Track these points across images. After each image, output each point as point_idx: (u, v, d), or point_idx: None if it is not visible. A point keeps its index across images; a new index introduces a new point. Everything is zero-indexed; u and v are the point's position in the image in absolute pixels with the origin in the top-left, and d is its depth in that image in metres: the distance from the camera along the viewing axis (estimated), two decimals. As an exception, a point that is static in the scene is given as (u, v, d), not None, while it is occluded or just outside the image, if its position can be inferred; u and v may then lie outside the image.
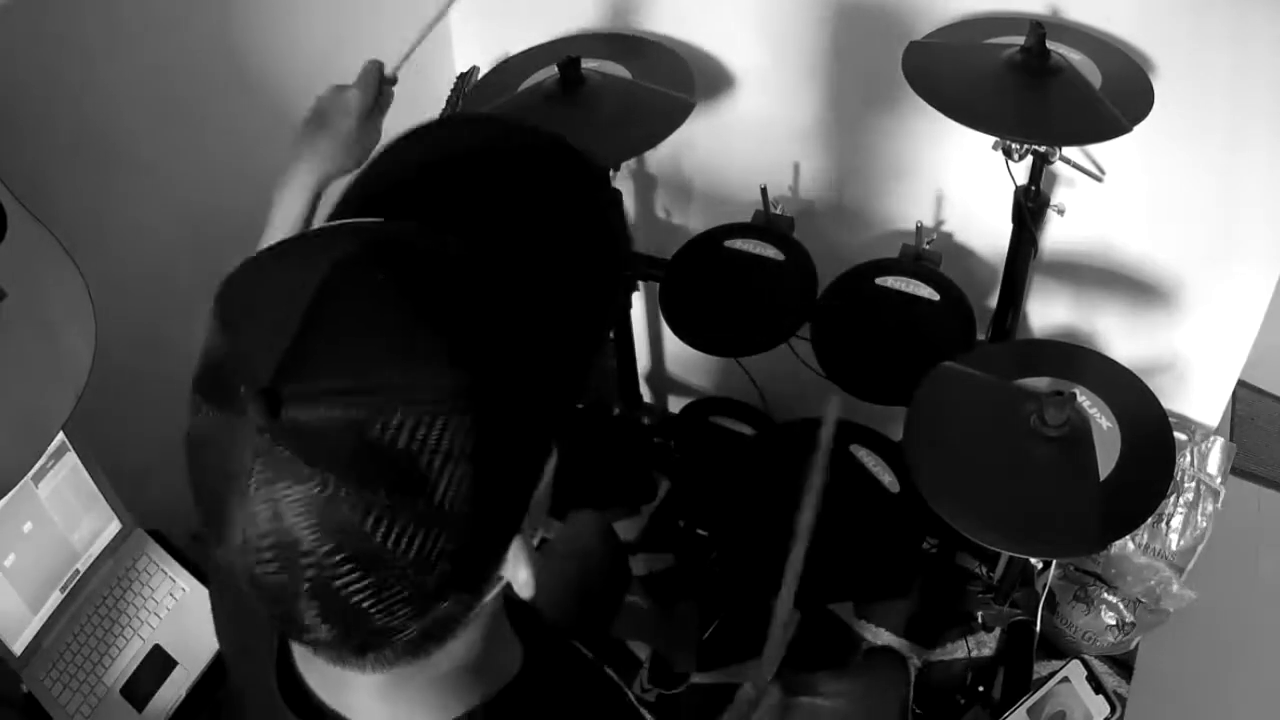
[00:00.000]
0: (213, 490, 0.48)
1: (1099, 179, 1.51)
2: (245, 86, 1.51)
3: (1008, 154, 1.41)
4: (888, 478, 1.64)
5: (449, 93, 1.59)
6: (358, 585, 0.46)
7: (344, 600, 0.47)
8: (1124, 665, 1.72)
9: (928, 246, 1.68)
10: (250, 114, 1.54)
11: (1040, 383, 1.33)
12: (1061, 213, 1.53)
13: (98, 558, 1.38)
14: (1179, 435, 1.56)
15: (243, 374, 0.45)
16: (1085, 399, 1.29)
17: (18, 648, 1.31)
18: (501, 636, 0.66)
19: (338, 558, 0.46)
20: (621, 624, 1.57)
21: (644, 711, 0.72)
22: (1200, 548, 1.59)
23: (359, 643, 0.51)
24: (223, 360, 0.47)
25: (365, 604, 0.47)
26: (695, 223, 1.87)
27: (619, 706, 0.72)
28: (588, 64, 1.55)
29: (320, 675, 0.64)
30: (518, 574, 0.54)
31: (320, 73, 1.63)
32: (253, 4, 1.49)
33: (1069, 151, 1.48)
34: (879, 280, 1.64)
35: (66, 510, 1.33)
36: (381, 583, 0.47)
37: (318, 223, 0.59)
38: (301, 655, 0.65)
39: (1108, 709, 1.40)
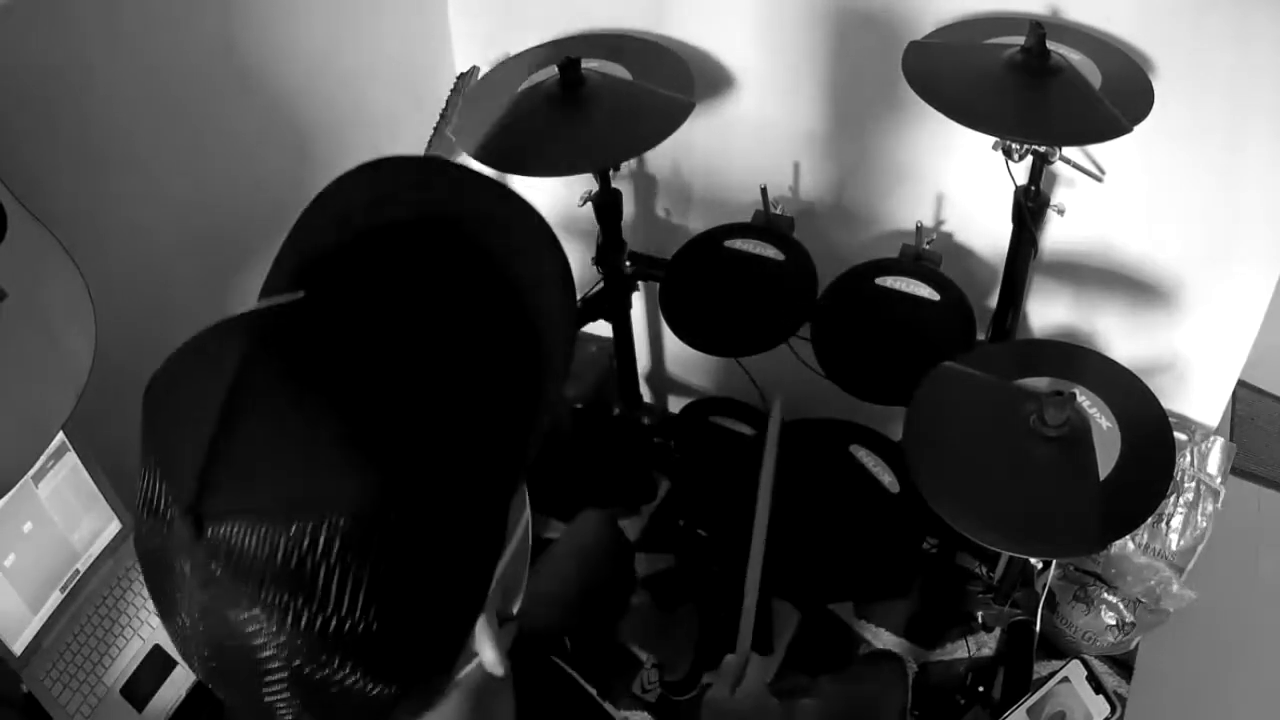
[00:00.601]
0: (162, 595, 0.48)
1: (1099, 179, 1.51)
2: (245, 87, 1.51)
3: (1008, 154, 1.41)
4: (888, 478, 1.64)
5: (449, 93, 1.59)
6: (318, 685, 0.46)
7: (311, 697, 0.47)
8: (1124, 665, 1.72)
9: (928, 246, 1.68)
10: (250, 114, 1.54)
11: (1040, 383, 1.33)
12: (1061, 213, 1.53)
13: (98, 558, 1.38)
14: (1179, 435, 1.56)
15: (171, 489, 0.45)
16: (1085, 399, 1.29)
17: (18, 648, 1.31)
18: (491, 690, 0.63)
19: (293, 663, 0.45)
20: (626, 627, 1.57)
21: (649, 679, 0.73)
22: (1200, 548, 1.59)
23: None
24: (153, 475, 0.47)
25: (333, 699, 0.47)
26: (695, 223, 1.87)
27: None
28: (588, 64, 1.55)
29: None
30: (484, 654, 0.53)
31: (320, 73, 1.64)
32: (253, 4, 1.49)
33: (1069, 151, 1.48)
34: (879, 280, 1.64)
35: (66, 510, 1.33)
36: (337, 682, 0.46)
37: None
38: None
39: (1108, 709, 1.40)
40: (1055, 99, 1.31)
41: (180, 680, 1.35)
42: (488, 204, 0.55)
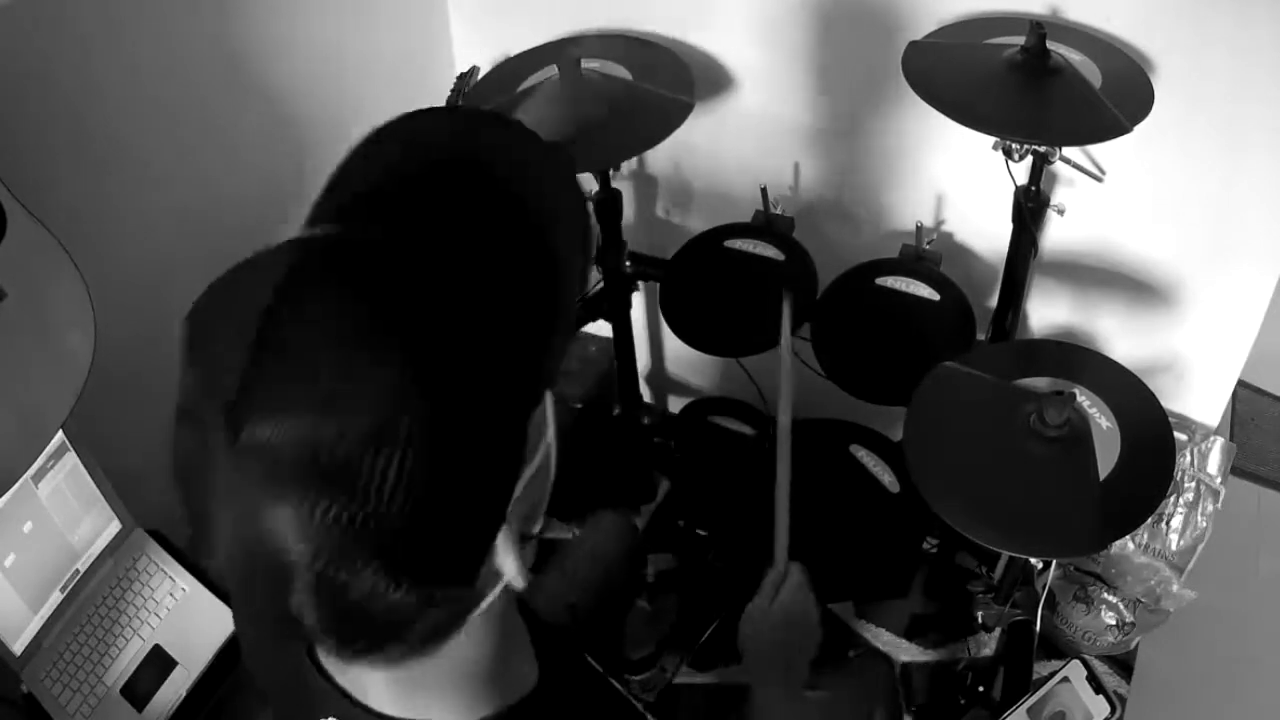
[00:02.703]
0: (196, 510, 0.50)
1: (1099, 179, 1.51)
2: (245, 87, 1.52)
3: (1008, 154, 1.41)
4: (888, 478, 1.64)
5: (449, 93, 1.59)
6: (343, 588, 0.48)
7: (334, 603, 0.48)
8: (1124, 665, 1.72)
9: (928, 246, 1.68)
10: (250, 114, 1.54)
11: (1040, 383, 1.33)
12: (1061, 213, 1.53)
13: (98, 558, 1.38)
14: (1179, 435, 1.56)
15: (209, 397, 0.48)
16: (1085, 399, 1.29)
17: (18, 648, 1.31)
18: (517, 644, 0.67)
19: (318, 565, 0.47)
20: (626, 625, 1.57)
21: None
22: (1200, 548, 1.59)
23: (359, 645, 0.52)
24: (193, 385, 0.50)
25: (354, 606, 0.48)
26: (695, 223, 1.87)
27: None
28: (588, 64, 1.55)
29: (336, 663, 0.65)
30: (505, 566, 0.55)
31: (320, 74, 1.64)
32: (252, 5, 1.49)
33: (1069, 151, 1.48)
34: (879, 280, 1.64)
35: (66, 510, 1.33)
36: (365, 582, 0.48)
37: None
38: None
39: (1108, 709, 1.40)
40: (1055, 99, 1.31)
41: (180, 680, 1.35)
42: (518, 147, 0.60)
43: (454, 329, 0.49)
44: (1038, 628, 1.58)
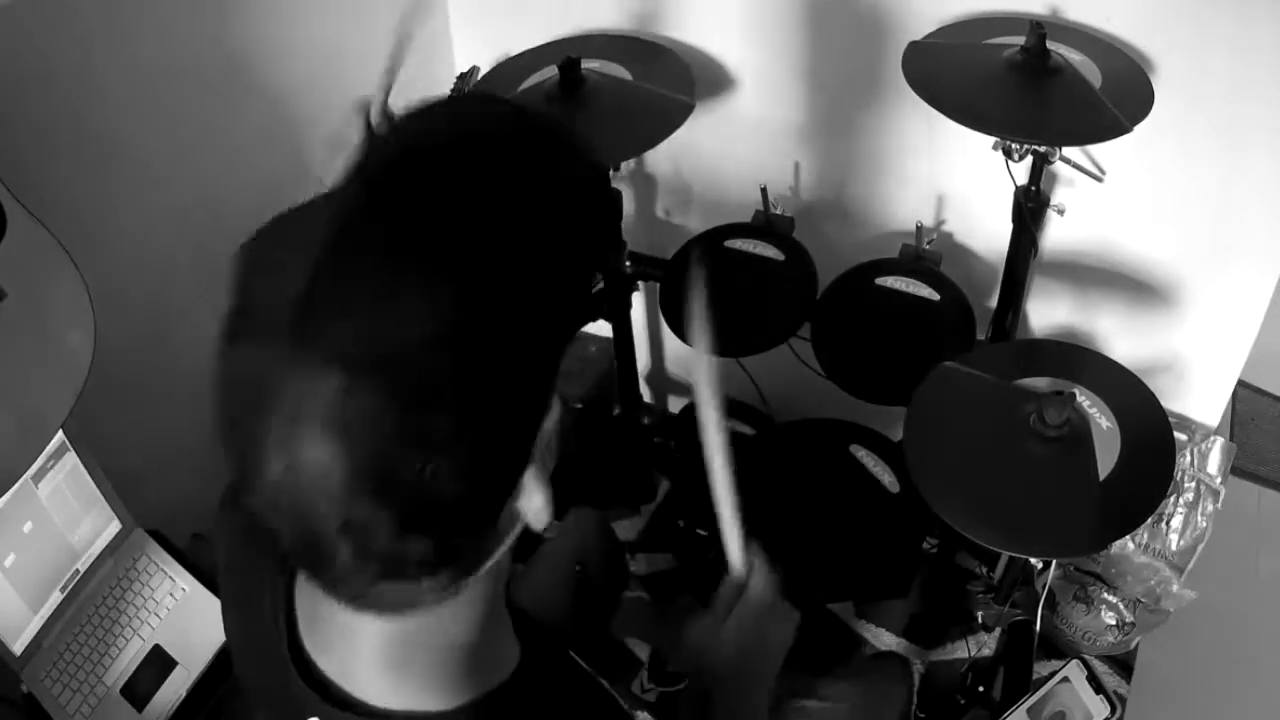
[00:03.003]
0: (246, 428, 0.51)
1: (1099, 179, 1.51)
2: (245, 87, 1.52)
3: (1008, 154, 1.41)
4: (888, 478, 1.64)
5: (449, 93, 1.59)
6: (380, 500, 0.50)
7: (367, 519, 0.50)
8: (1124, 665, 1.72)
9: (928, 246, 1.68)
10: (250, 115, 1.54)
11: (1040, 383, 1.33)
12: (1061, 213, 1.53)
13: (98, 558, 1.38)
14: (1179, 435, 1.56)
15: (269, 310, 0.51)
16: (1085, 399, 1.29)
17: (18, 648, 1.31)
18: (501, 629, 0.68)
19: (363, 474, 0.49)
20: (621, 621, 1.57)
21: (644, 678, 0.74)
22: (1200, 548, 1.59)
23: (384, 573, 0.53)
24: (249, 305, 0.53)
25: (387, 522, 0.50)
26: (695, 223, 1.87)
27: (611, 713, 0.73)
28: (588, 64, 1.55)
29: (324, 644, 0.66)
30: (532, 500, 0.57)
31: (320, 74, 1.64)
32: (252, 5, 1.49)
33: (1069, 151, 1.48)
34: (879, 280, 1.64)
35: (66, 510, 1.33)
36: (403, 499, 0.50)
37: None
38: (309, 631, 0.67)
39: (1108, 709, 1.40)
40: (1055, 99, 1.31)
41: (180, 680, 1.35)
42: (552, 124, 0.62)
43: (502, 254, 0.52)
44: (1038, 628, 1.58)
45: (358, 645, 0.63)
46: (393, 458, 0.49)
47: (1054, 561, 1.51)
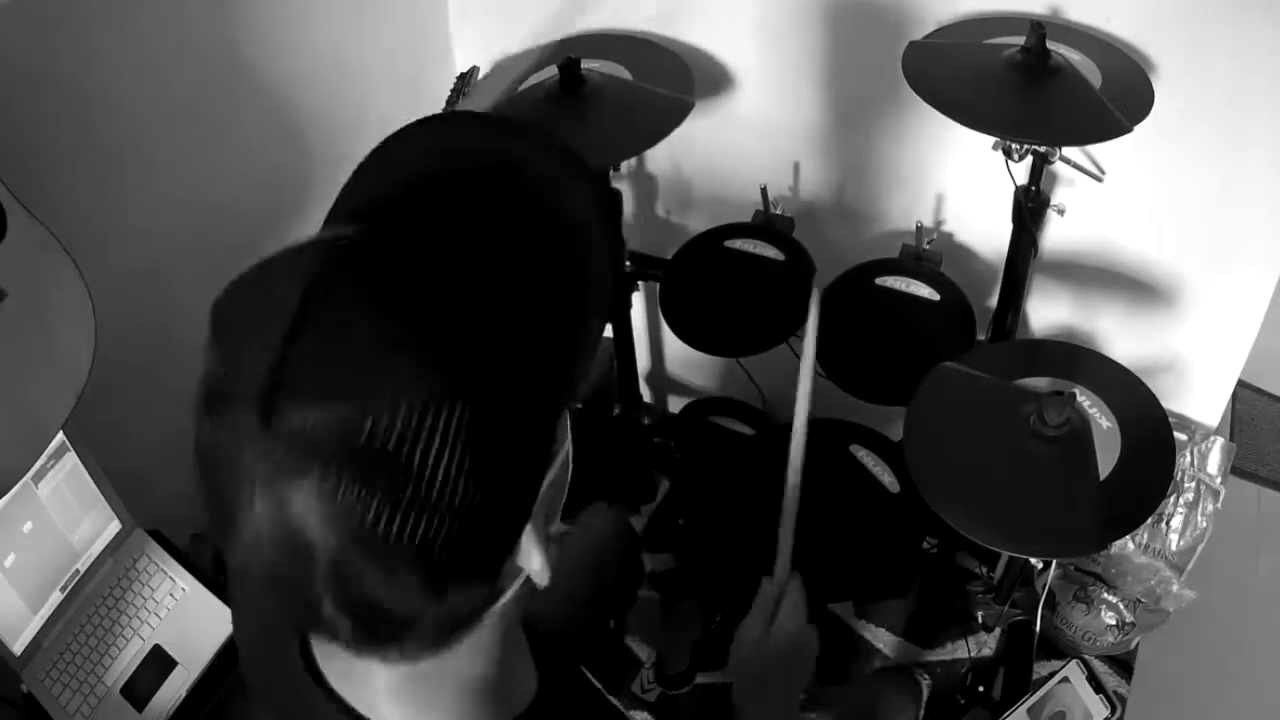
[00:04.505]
0: (221, 499, 0.50)
1: (1099, 179, 1.51)
2: (246, 87, 1.51)
3: (1008, 154, 1.41)
4: (888, 478, 1.64)
5: (449, 93, 1.59)
6: (367, 575, 0.48)
7: (356, 590, 0.49)
8: (1124, 665, 1.72)
9: (928, 246, 1.68)
10: (251, 114, 1.54)
11: (1040, 383, 1.33)
12: (1061, 213, 1.53)
13: (98, 558, 1.38)
14: (1179, 435, 1.56)
15: (239, 386, 0.48)
16: (1085, 399, 1.29)
17: (18, 648, 1.31)
18: (519, 657, 0.68)
19: (344, 549, 0.48)
20: (630, 620, 1.57)
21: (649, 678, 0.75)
22: (1200, 548, 1.59)
23: (376, 634, 0.52)
24: (221, 376, 0.50)
25: (377, 593, 0.49)
26: (695, 223, 1.87)
27: None
28: (588, 64, 1.55)
29: (343, 677, 0.65)
30: (531, 562, 0.56)
31: (321, 74, 1.64)
32: (254, 5, 1.49)
33: (1069, 151, 1.48)
34: (879, 280, 1.64)
35: (66, 510, 1.33)
36: (390, 571, 0.48)
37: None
38: (326, 659, 0.66)
39: (1108, 709, 1.40)
40: (1055, 99, 1.31)
41: (180, 680, 1.35)
42: (547, 155, 0.60)
43: (484, 332, 0.50)
44: (1038, 628, 1.58)
45: (376, 683, 0.62)
46: (374, 534, 0.47)
47: (1054, 561, 1.51)
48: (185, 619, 1.39)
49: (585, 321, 0.56)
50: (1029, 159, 1.42)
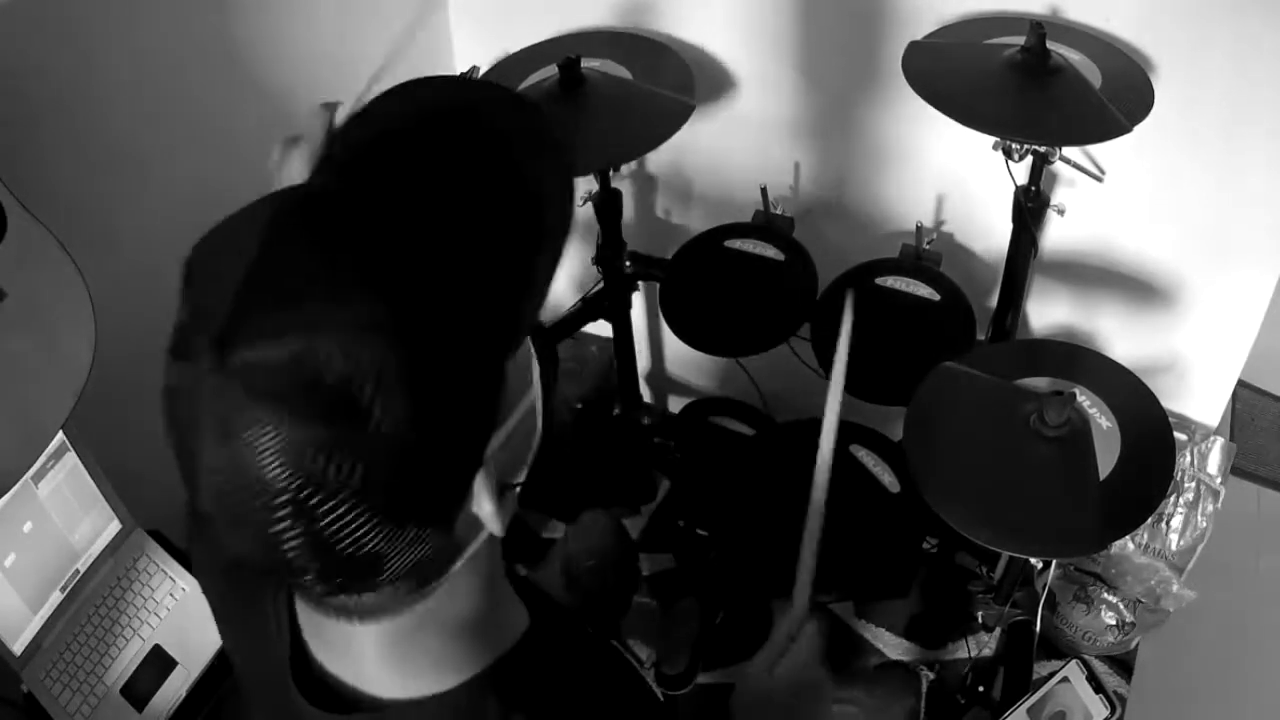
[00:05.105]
0: (183, 442, 0.52)
1: (1099, 179, 1.51)
2: (245, 86, 1.51)
3: (1008, 154, 1.41)
4: (888, 478, 1.64)
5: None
6: (319, 512, 0.49)
7: (312, 530, 0.50)
8: (1124, 665, 1.72)
9: (928, 246, 1.68)
10: (251, 113, 1.54)
11: (1040, 383, 1.33)
12: (1061, 213, 1.53)
13: (98, 558, 1.38)
14: (1179, 435, 1.56)
15: (201, 329, 0.50)
16: (1085, 399, 1.29)
17: (18, 648, 1.31)
18: (504, 593, 0.68)
19: (296, 488, 0.49)
20: (627, 623, 1.56)
21: (649, 679, 0.74)
22: (1200, 548, 1.59)
23: (343, 579, 0.53)
24: (186, 321, 0.52)
25: (333, 533, 0.50)
26: (695, 223, 1.87)
27: (625, 672, 0.73)
28: (588, 64, 1.55)
29: (329, 648, 0.66)
30: (482, 507, 0.56)
31: (321, 73, 1.64)
32: (253, 5, 1.49)
33: (1069, 151, 1.48)
34: (879, 280, 1.64)
35: (66, 510, 1.33)
36: (339, 508, 0.49)
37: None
38: (309, 628, 0.67)
39: (1108, 709, 1.40)
40: (1055, 99, 1.31)
41: (180, 680, 1.35)
42: (504, 110, 0.63)
43: (428, 273, 0.51)
44: (1038, 628, 1.58)
45: (361, 648, 0.63)
46: (323, 473, 0.48)
47: (1054, 561, 1.51)
48: (185, 619, 1.39)
49: (532, 262, 0.56)
50: (1029, 159, 1.42)
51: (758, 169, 1.76)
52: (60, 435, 1.28)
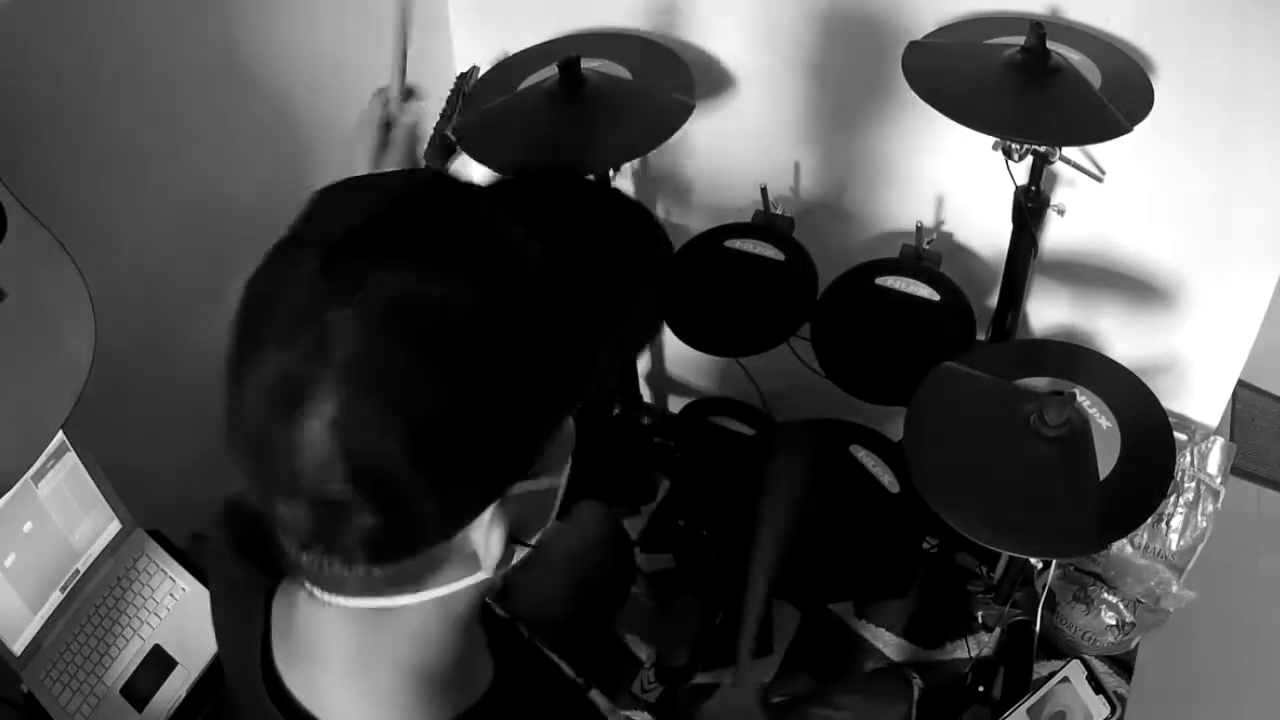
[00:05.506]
0: (251, 332, 0.53)
1: (1099, 179, 1.51)
2: (245, 87, 1.51)
3: (1008, 154, 1.41)
4: (888, 478, 1.64)
5: (449, 92, 1.59)
6: (344, 444, 0.50)
7: (356, 454, 0.50)
8: (1124, 665, 1.72)
9: (928, 246, 1.68)
10: (250, 115, 1.54)
11: (1040, 383, 1.33)
12: (1061, 213, 1.53)
13: (98, 558, 1.38)
14: (1179, 435, 1.56)
15: (312, 236, 0.53)
16: (1085, 399, 1.29)
17: (18, 648, 1.31)
18: (473, 648, 0.68)
19: (345, 403, 0.49)
20: (624, 619, 1.56)
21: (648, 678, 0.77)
22: (1200, 548, 1.59)
23: (330, 533, 0.53)
24: (297, 231, 0.55)
25: (341, 490, 0.50)
26: (695, 223, 1.87)
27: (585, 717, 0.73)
28: (588, 64, 1.55)
29: (300, 674, 0.66)
30: (491, 540, 0.57)
31: (320, 74, 1.64)
32: (253, 5, 1.49)
33: (1069, 151, 1.48)
34: (879, 280, 1.64)
35: (66, 510, 1.33)
36: (370, 465, 0.50)
37: None
38: (280, 641, 0.67)
39: (1108, 709, 1.40)
40: (1055, 99, 1.31)
41: (180, 680, 1.35)
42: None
43: (491, 360, 0.53)
44: (1038, 628, 1.58)
45: (325, 655, 0.63)
46: (361, 419, 0.49)
47: (1054, 561, 1.51)
48: (185, 619, 1.39)
49: (581, 367, 0.61)
50: (1029, 159, 1.42)
51: (758, 169, 1.76)
52: (60, 435, 1.28)
